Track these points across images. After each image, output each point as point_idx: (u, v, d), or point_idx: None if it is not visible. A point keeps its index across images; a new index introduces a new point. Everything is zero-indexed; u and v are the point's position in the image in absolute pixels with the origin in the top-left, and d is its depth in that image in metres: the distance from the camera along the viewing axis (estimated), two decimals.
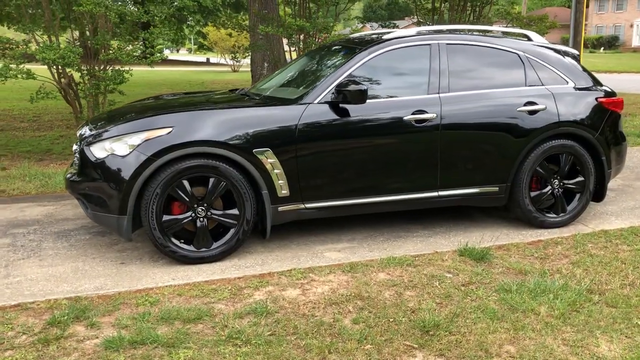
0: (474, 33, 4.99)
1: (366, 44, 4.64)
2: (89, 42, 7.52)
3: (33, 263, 4.18)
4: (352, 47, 4.69)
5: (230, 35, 30.05)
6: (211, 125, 4.04)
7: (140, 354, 2.95)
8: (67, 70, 8.03)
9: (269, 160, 4.13)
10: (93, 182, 4.06)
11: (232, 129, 4.06)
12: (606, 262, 4.18)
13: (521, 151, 4.69)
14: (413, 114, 4.42)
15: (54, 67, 7.37)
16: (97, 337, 3.13)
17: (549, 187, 4.89)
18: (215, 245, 4.15)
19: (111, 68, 8.03)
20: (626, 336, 3.16)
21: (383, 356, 2.95)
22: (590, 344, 3.07)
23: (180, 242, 4.10)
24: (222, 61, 36.45)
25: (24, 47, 7.28)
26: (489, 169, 4.67)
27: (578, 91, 4.92)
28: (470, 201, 4.77)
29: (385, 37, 4.71)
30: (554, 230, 4.90)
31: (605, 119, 4.96)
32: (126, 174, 3.91)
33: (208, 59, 47.15)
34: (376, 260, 4.21)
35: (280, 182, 4.19)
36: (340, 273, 4.01)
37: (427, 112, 4.45)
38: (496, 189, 4.74)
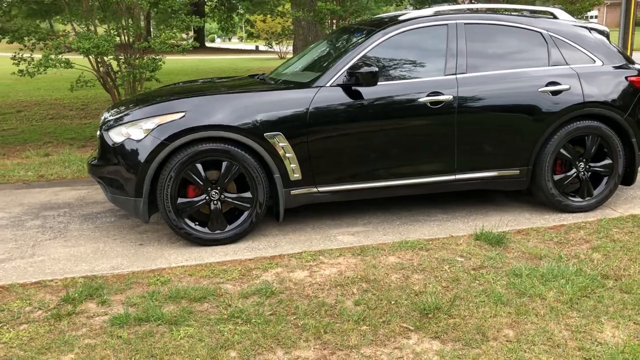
0: (495, 12, 4.84)
1: (381, 25, 4.59)
2: (124, 31, 7.71)
3: (58, 243, 4.37)
4: (368, 29, 4.65)
5: (276, 22, 30.18)
6: (222, 110, 4.11)
7: (143, 331, 3.06)
8: (106, 59, 8.29)
9: (281, 144, 4.16)
10: (111, 166, 4.21)
11: (243, 113, 4.11)
12: (629, 248, 4.02)
13: (543, 133, 4.55)
14: (428, 95, 4.36)
15: (92, 56, 7.61)
16: (106, 314, 3.26)
17: (574, 170, 4.72)
18: (229, 227, 4.23)
19: (148, 57, 8.24)
20: (634, 322, 3.05)
21: (378, 337, 2.96)
22: (594, 329, 2.98)
23: (195, 224, 4.20)
24: (271, 49, 36.69)
25: (64, 37, 7.54)
26: (508, 152, 4.56)
27: (606, 70, 4.72)
28: (490, 184, 4.67)
29: (401, 17, 4.64)
30: (579, 215, 4.75)
31: (636, 98, 4.75)
32: (141, 157, 4.03)
33: (257, 47, 47.55)
34: (388, 244, 4.19)
35: (292, 165, 4.22)
36: (350, 256, 4.02)
37: (442, 94, 4.37)
38: (517, 172, 4.62)
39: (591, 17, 62.22)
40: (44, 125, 10.40)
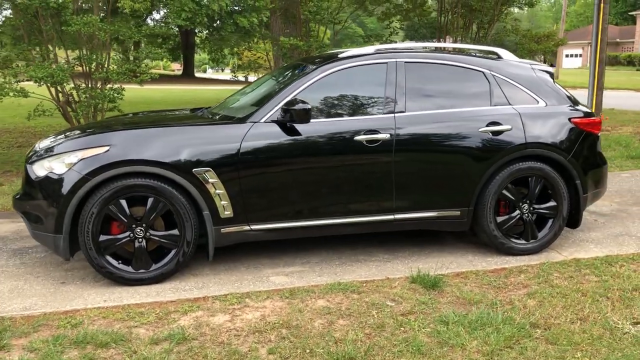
0: (438, 51, 4.79)
1: (320, 62, 4.52)
2: (84, 60, 7.63)
3: None
4: (308, 66, 4.58)
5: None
6: (149, 144, 3.98)
7: None
8: (67, 88, 8.19)
9: (211, 180, 4.03)
10: (33, 201, 4.05)
11: (171, 147, 3.99)
12: (565, 294, 3.90)
13: (484, 174, 4.46)
14: (365, 134, 4.26)
15: (49, 85, 7.50)
16: None
17: (518, 212, 4.62)
18: (154, 267, 4.07)
19: (110, 87, 8.15)
20: None
21: None
22: None
23: (119, 263, 4.03)
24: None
25: (22, 66, 7.44)
26: (448, 192, 4.46)
27: (549, 111, 4.67)
28: (431, 225, 4.56)
29: (341, 55, 4.58)
30: (522, 258, 4.63)
31: (580, 140, 4.69)
32: (62, 192, 3.88)
33: (246, 77, 47.89)
34: (320, 286, 4.04)
35: (223, 202, 4.09)
36: (277, 299, 3.86)
37: (379, 133, 4.28)
38: (457, 212, 4.51)
39: (576, 55, 63.19)
40: (9, 153, 10.21)
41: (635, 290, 3.95)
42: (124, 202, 3.96)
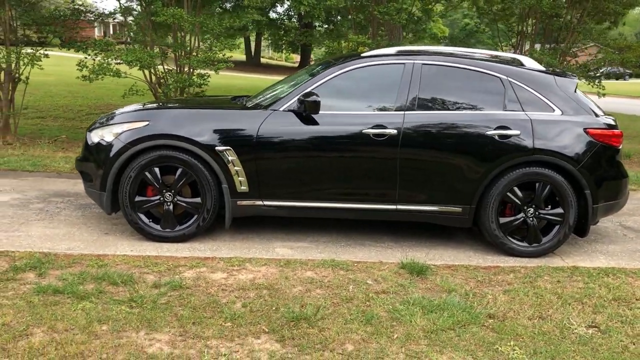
0: (457, 56, 5.03)
1: (343, 60, 4.94)
2: (171, 48, 8.57)
3: (42, 224, 5.08)
4: (331, 63, 5.02)
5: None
6: (180, 123, 4.64)
7: (51, 300, 3.60)
8: (160, 71, 9.21)
9: (230, 157, 4.62)
10: (87, 162, 4.87)
11: (199, 127, 4.62)
12: (541, 295, 4.06)
13: (487, 175, 4.66)
14: (372, 127, 4.64)
15: (141, 68, 8.50)
16: (36, 284, 3.84)
17: (521, 215, 4.78)
18: (178, 227, 4.74)
19: (198, 72, 9.07)
20: (473, 357, 3.17)
21: (233, 333, 3.30)
22: (430, 357, 3.15)
23: (150, 221, 4.74)
24: None
25: (119, 50, 8.51)
26: (450, 189, 4.71)
27: (563, 119, 4.75)
28: (432, 219, 4.84)
29: (363, 54, 4.97)
30: (522, 260, 4.78)
31: (594, 151, 4.73)
32: (107, 157, 4.65)
33: None
34: (316, 261, 4.50)
35: (240, 178, 4.66)
36: (273, 266, 4.38)
37: (387, 128, 4.64)
38: (459, 209, 4.76)
39: None
40: None
41: (615, 300, 4.02)
42: (157, 170, 4.65)
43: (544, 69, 5.11)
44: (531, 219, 4.78)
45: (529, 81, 4.85)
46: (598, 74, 9.99)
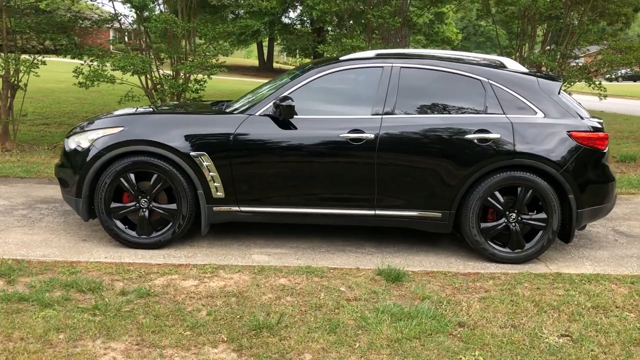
0: (437, 58, 4.94)
1: (320, 63, 4.88)
2: (162, 54, 8.58)
3: (21, 231, 5.08)
4: (310, 66, 4.96)
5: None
6: (155, 128, 4.61)
7: (14, 308, 3.58)
8: (156, 76, 9.23)
9: (205, 163, 4.58)
10: (64, 168, 4.86)
11: (173, 132, 4.59)
12: (517, 302, 3.95)
13: (467, 179, 4.57)
14: (349, 132, 4.57)
15: (136, 74, 8.52)
16: (3, 292, 3.82)
17: (503, 220, 4.67)
18: (154, 234, 4.70)
19: (194, 77, 9.08)
20: None
21: (191, 342, 3.25)
22: None
23: (126, 227, 4.71)
24: None
25: (113, 56, 8.54)
26: (429, 194, 4.62)
27: (545, 122, 4.64)
28: (411, 224, 4.75)
29: (342, 57, 4.90)
30: (504, 266, 4.67)
31: (578, 154, 4.61)
32: (83, 163, 4.63)
33: None
34: (291, 267, 4.43)
35: (215, 184, 4.61)
36: (247, 273, 4.32)
37: (364, 132, 4.56)
38: (438, 214, 4.66)
39: None
40: None
41: (594, 308, 3.90)
42: (132, 176, 4.63)
43: (526, 70, 5.00)
44: (513, 224, 4.67)
45: (510, 83, 4.74)
46: (614, 76, 9.80)
